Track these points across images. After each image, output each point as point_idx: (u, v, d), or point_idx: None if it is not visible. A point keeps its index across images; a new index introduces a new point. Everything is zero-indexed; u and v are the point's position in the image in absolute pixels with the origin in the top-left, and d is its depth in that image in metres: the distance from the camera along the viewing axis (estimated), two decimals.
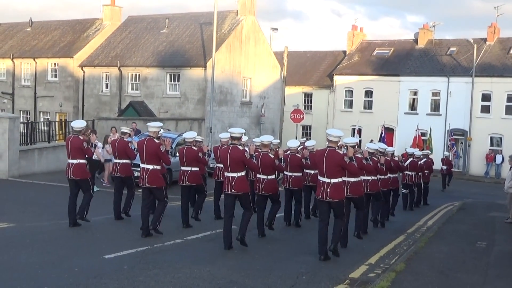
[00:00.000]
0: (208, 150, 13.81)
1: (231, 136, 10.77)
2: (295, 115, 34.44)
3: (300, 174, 13.53)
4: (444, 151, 33.60)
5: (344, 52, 47.49)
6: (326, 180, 9.94)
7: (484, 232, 14.57)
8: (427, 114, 40.22)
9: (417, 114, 40.53)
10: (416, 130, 35.51)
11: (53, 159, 22.68)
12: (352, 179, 11.36)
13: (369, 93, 42.98)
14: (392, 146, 32.49)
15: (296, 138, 28.08)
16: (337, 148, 10.09)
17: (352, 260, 10.28)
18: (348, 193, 11.26)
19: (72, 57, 38.07)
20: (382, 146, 14.59)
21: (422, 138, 35.93)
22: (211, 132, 30.21)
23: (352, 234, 12.12)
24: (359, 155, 11.71)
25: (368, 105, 42.98)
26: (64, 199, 12.53)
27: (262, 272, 9.04)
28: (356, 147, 11.67)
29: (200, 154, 12.88)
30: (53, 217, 13.24)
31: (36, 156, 22.02)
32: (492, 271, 9.97)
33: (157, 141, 11.25)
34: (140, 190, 16.80)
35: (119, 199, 13.23)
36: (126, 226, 12.42)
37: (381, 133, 36.55)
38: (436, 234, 13.72)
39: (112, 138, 20.86)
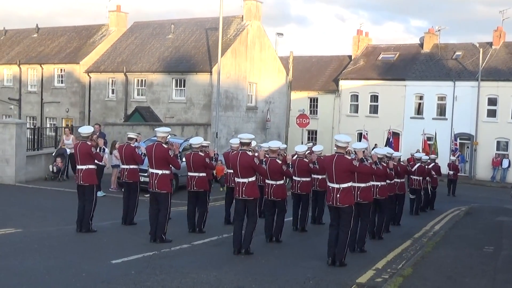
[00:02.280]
0: (215, 154, 13.81)
1: (240, 142, 10.76)
2: (301, 120, 34.46)
3: (308, 179, 13.57)
4: (450, 156, 33.55)
5: (350, 56, 47.50)
6: (336, 185, 9.93)
7: (491, 237, 14.52)
8: (433, 119, 40.13)
9: (423, 118, 40.46)
10: (422, 135, 35.42)
11: None
12: (362, 185, 11.35)
13: (374, 98, 42.95)
14: (398, 150, 32.48)
15: (302, 143, 28.12)
16: (345, 153, 10.10)
17: (359, 265, 10.26)
18: (358, 199, 11.24)
19: (79, 63, 38.20)
20: (389, 151, 14.54)
21: (428, 142, 35.82)
22: (217, 137, 30.23)
23: (356, 250, 11.67)
24: (369, 160, 11.67)
25: (374, 109, 42.95)
26: (71, 205, 12.60)
27: (269, 277, 9.04)
28: (365, 152, 11.63)
29: (207, 160, 12.86)
30: (60, 222, 13.28)
31: (43, 161, 22.06)
32: (500, 276, 9.93)
33: (165, 146, 11.29)
34: (146, 196, 16.89)
35: (128, 205, 13.27)
36: (133, 231, 12.45)
37: (388, 138, 36.44)
38: (443, 238, 13.68)
39: (65, 140, 21.48)
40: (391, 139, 35.87)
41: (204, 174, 12.87)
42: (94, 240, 11.30)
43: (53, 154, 21.62)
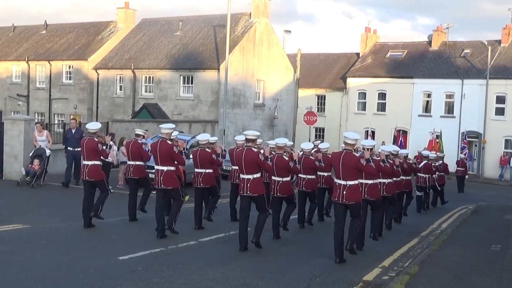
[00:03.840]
0: (223, 150, 13.88)
1: (246, 139, 10.79)
2: (308, 117, 34.39)
3: (314, 176, 13.60)
4: (458, 154, 33.49)
5: (357, 54, 47.41)
6: (343, 182, 9.97)
7: (499, 235, 14.47)
8: (441, 117, 40.01)
9: (430, 116, 40.36)
10: (432, 134, 35.32)
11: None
12: (370, 181, 11.41)
13: (382, 96, 42.86)
14: (405, 148, 32.43)
15: (309, 141, 28.10)
16: (353, 151, 10.13)
17: (365, 262, 10.27)
18: (366, 195, 11.31)
19: (87, 60, 38.34)
20: (395, 148, 14.57)
21: (437, 140, 35.75)
22: (224, 134, 30.27)
23: (368, 236, 12.09)
24: (376, 158, 11.74)
25: (382, 107, 42.87)
26: (79, 201, 12.62)
27: (276, 274, 9.06)
28: (373, 150, 11.69)
29: (213, 156, 12.89)
30: (68, 218, 13.33)
31: (51, 158, 22.10)
32: (507, 275, 9.90)
33: (170, 142, 11.34)
34: (155, 192, 16.96)
35: (133, 201, 13.30)
36: (140, 228, 12.49)
37: (394, 136, 36.25)
38: (450, 237, 13.65)
39: (37, 136, 19.07)
40: (401, 138, 35.78)
41: (210, 171, 12.92)
42: (101, 236, 11.36)
43: (30, 154, 18.79)
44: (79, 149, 17.37)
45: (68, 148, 19.18)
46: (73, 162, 18.86)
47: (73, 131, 19.13)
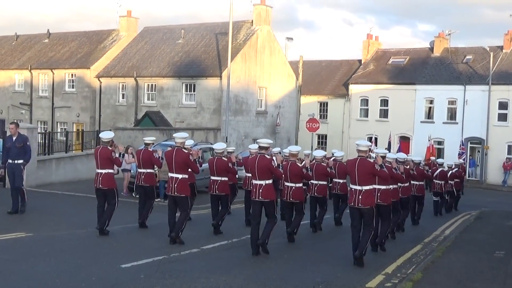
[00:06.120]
0: (239, 159, 14.33)
1: (259, 146, 11.19)
2: (311, 124, 34.44)
3: (325, 183, 14.16)
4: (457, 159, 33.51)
5: (359, 61, 47.43)
6: (358, 187, 10.31)
7: (502, 242, 14.46)
8: (444, 123, 40.00)
9: (433, 122, 40.32)
10: (429, 140, 35.34)
11: (70, 169, 22.84)
12: (383, 187, 11.72)
13: (384, 102, 42.84)
14: (408, 154, 32.38)
15: (312, 148, 28.15)
16: (367, 157, 10.46)
17: (368, 269, 10.24)
18: (378, 200, 11.56)
19: (89, 68, 38.42)
20: (401, 155, 14.77)
21: (436, 147, 35.68)
22: (226, 141, 30.27)
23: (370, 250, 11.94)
24: (388, 164, 12.07)
25: (384, 114, 42.84)
26: (82, 209, 12.67)
27: (278, 282, 9.04)
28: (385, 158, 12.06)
29: (230, 165, 13.41)
30: (70, 226, 13.35)
31: (53, 166, 22.18)
32: (511, 281, 9.87)
33: (185, 151, 11.57)
34: (158, 200, 16.99)
35: (143, 208, 13.53)
36: (143, 236, 12.50)
37: (389, 142, 36.10)
38: (453, 243, 13.64)
39: None
40: (399, 145, 35.75)
41: (226, 179, 13.42)
42: (104, 244, 11.36)
43: None
44: (21, 161, 14.37)
45: (8, 160, 14.48)
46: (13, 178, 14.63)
47: (14, 138, 14.49)
